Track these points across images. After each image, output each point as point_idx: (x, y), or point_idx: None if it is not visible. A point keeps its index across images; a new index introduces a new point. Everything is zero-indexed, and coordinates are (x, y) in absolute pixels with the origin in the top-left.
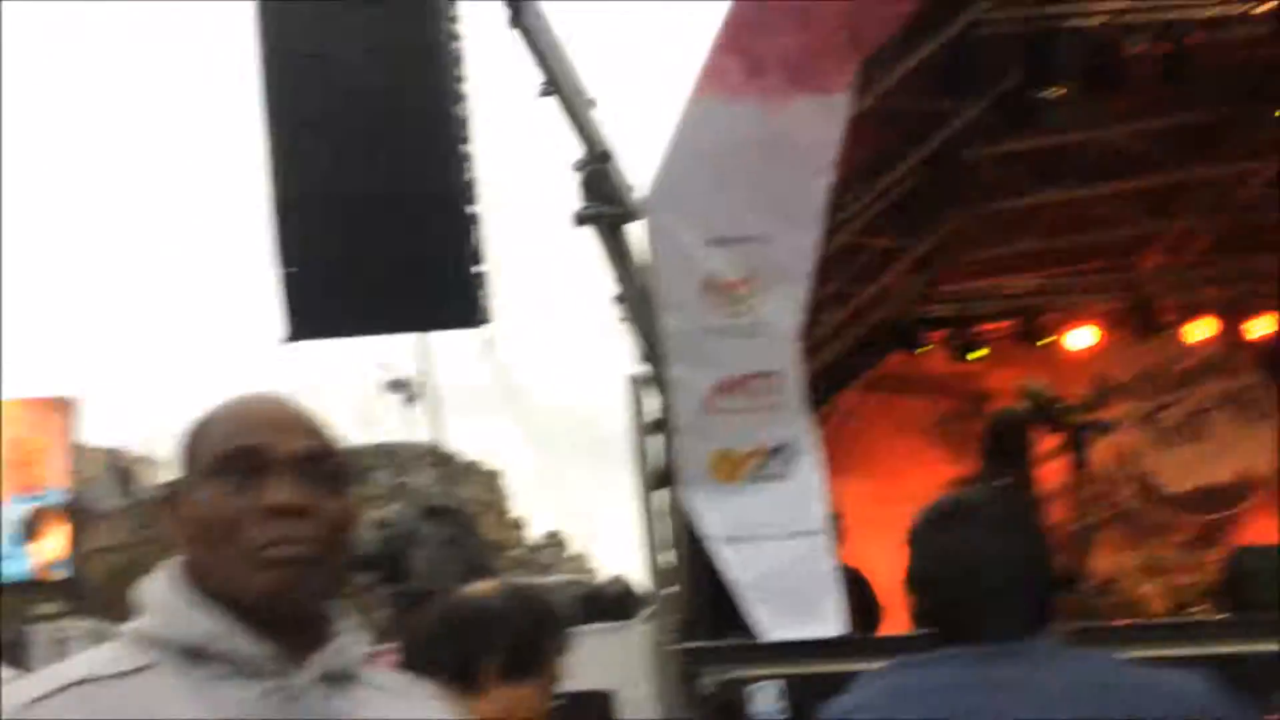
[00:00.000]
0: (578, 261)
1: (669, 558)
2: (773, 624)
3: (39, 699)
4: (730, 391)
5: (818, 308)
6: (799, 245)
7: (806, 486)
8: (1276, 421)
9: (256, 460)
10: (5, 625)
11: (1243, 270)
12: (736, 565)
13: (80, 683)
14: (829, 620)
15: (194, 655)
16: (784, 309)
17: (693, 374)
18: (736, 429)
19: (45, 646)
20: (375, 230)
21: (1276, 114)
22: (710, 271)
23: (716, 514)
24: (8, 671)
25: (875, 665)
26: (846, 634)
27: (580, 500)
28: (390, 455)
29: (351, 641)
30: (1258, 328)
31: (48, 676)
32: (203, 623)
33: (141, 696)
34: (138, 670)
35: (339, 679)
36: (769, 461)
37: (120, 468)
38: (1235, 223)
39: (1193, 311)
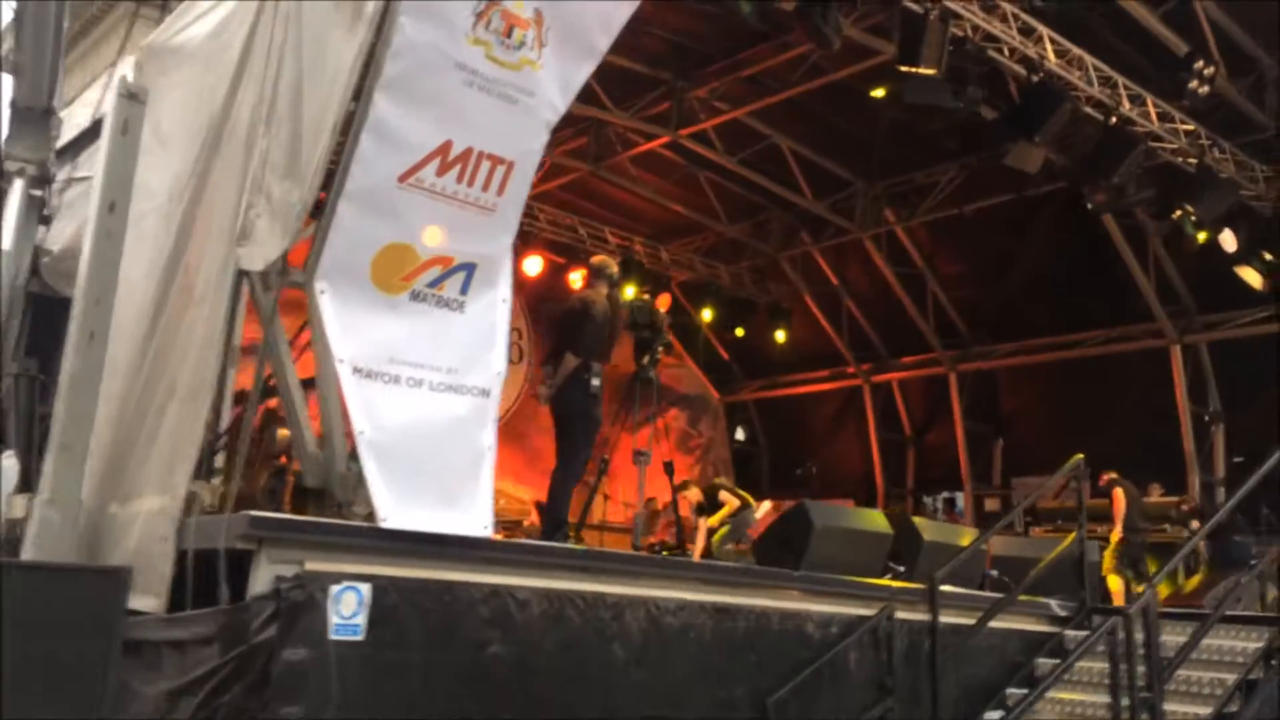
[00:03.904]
0: None
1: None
2: (396, 503)
3: None
4: (449, 166)
5: None
6: (605, 9)
7: (487, 327)
8: None
9: None
10: None
11: None
12: (361, 409)
13: None
14: (474, 513)
15: None
16: (568, 76)
17: (408, 123)
18: (429, 219)
19: None
20: None
21: None
22: None
23: (356, 331)
24: None
25: (521, 580)
26: (490, 537)
27: None
28: None
29: None
30: None
31: None
32: None
33: None
34: None
35: None
36: (447, 278)
37: None
38: None
39: None
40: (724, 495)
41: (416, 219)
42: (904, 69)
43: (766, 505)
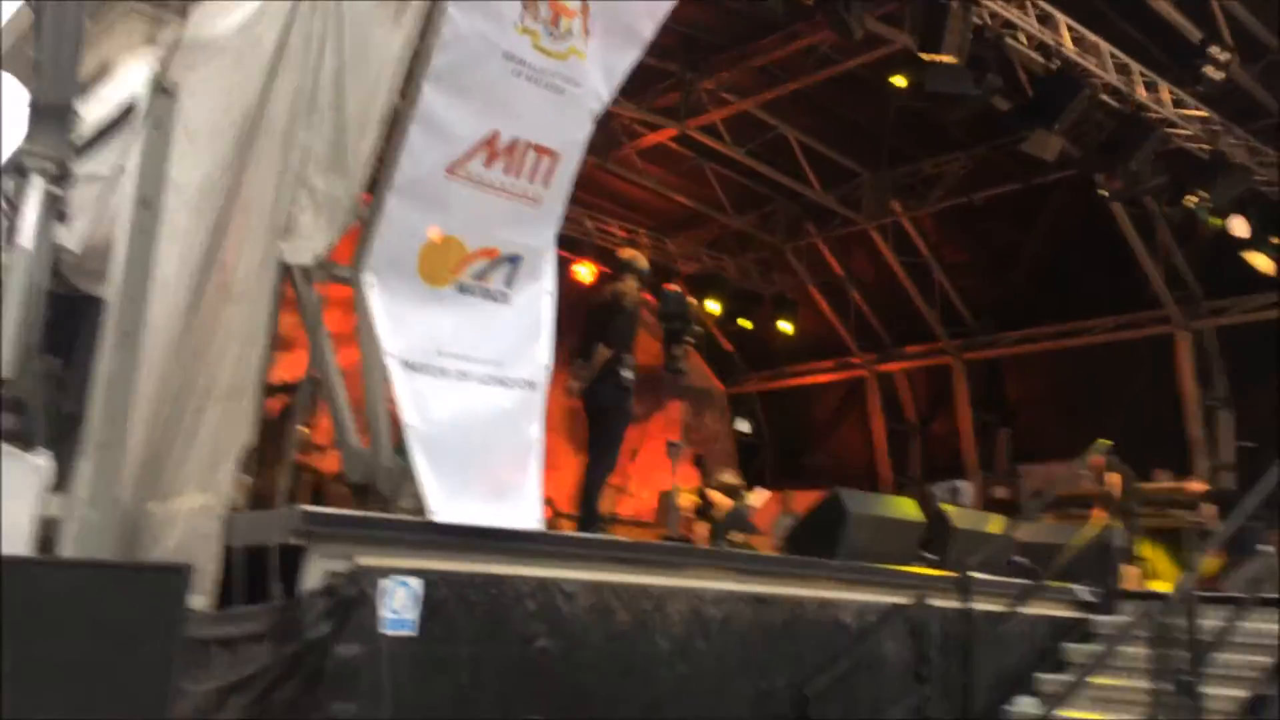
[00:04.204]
0: None
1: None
2: (446, 497)
3: None
4: (496, 156)
5: None
6: (651, 5)
7: (532, 320)
8: None
9: None
10: None
11: None
12: (411, 402)
13: None
14: (523, 506)
15: None
16: (612, 65)
17: (456, 114)
18: (476, 211)
19: None
20: None
21: None
22: None
23: (404, 324)
24: None
25: (567, 572)
26: (540, 530)
27: None
28: None
29: None
30: None
31: None
32: None
33: None
34: None
35: None
36: (493, 270)
37: None
38: None
39: None
40: (712, 495)
41: (463, 211)
42: (925, 57)
43: (765, 494)
